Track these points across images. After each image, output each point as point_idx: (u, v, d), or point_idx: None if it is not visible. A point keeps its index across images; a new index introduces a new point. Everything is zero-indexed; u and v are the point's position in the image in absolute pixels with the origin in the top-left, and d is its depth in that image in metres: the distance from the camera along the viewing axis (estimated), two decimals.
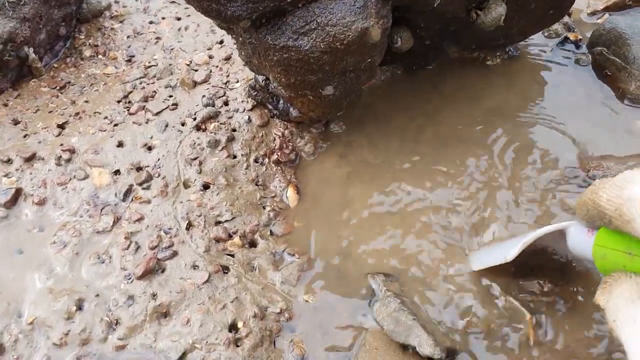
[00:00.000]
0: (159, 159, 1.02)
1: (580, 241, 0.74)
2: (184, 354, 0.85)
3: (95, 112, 1.11)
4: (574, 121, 1.07)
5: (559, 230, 0.78)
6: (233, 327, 0.87)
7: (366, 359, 0.83)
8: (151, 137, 1.05)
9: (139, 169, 1.02)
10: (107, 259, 0.93)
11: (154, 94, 1.12)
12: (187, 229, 0.95)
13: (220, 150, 1.04)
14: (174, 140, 1.04)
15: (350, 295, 0.92)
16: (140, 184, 1.00)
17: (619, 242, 0.65)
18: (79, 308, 0.89)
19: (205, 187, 1.00)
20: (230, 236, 0.95)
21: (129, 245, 0.93)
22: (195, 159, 1.03)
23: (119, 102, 1.13)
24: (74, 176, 1.01)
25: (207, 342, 0.85)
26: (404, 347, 0.84)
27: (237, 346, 0.85)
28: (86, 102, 1.14)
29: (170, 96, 1.11)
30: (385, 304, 0.87)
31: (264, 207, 1.00)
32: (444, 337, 0.84)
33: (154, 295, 0.89)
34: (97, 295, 0.90)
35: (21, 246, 0.96)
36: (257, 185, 1.02)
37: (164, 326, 0.88)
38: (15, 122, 1.11)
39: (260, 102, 1.07)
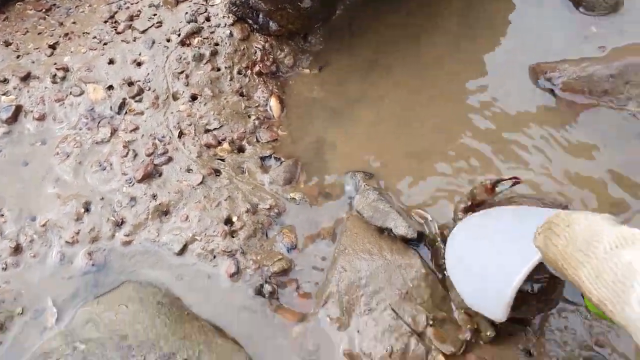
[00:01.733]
0: (148, 74, 1.09)
1: None
2: (185, 245, 0.95)
3: (83, 33, 1.17)
4: (531, 28, 1.16)
5: None
6: (228, 221, 0.97)
7: (348, 242, 0.94)
8: (139, 54, 1.11)
9: (130, 83, 1.09)
10: (108, 166, 1.01)
11: (138, 13, 1.17)
12: (179, 137, 1.04)
13: (205, 63, 1.11)
14: (161, 55, 1.11)
15: (333, 191, 1.02)
16: (132, 97, 1.07)
17: None
18: (87, 210, 0.98)
19: (193, 98, 1.08)
20: (219, 142, 1.04)
21: (127, 153, 1.01)
22: (182, 72, 1.10)
23: (105, 22, 1.18)
24: (70, 92, 1.08)
25: (205, 234, 0.95)
26: (380, 231, 0.95)
27: (233, 237, 0.96)
28: (74, 23, 1.19)
29: (155, 14, 1.16)
30: (364, 196, 0.97)
31: (249, 116, 1.08)
32: (415, 223, 0.95)
33: (154, 196, 0.99)
34: (102, 198, 0.99)
35: (26, 158, 1.04)
36: (241, 95, 1.10)
37: (165, 223, 0.98)
38: (7, 44, 1.16)
39: (240, 17, 1.13)
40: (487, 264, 0.81)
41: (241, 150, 1.05)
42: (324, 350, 0.88)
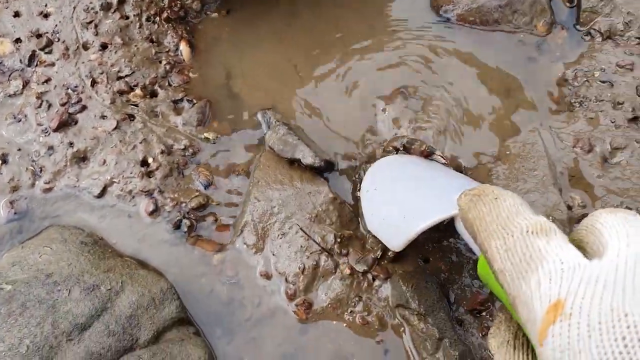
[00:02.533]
0: (56, 25, 1.10)
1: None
2: (104, 188, 1.00)
3: None
4: None
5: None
6: (144, 163, 1.02)
7: (261, 175, 1.00)
8: (45, 5, 1.12)
9: (38, 35, 1.10)
10: (22, 117, 1.03)
11: None
12: (92, 85, 1.07)
13: (113, 12, 1.13)
14: (68, 6, 1.12)
15: (245, 129, 1.08)
16: (42, 49, 1.08)
17: None
18: (4, 162, 1.01)
19: (104, 47, 1.10)
20: (132, 88, 1.07)
21: (41, 104, 1.04)
22: (90, 22, 1.11)
23: None
24: None
25: (123, 176, 1.00)
26: (291, 163, 1.01)
27: (150, 177, 1.01)
28: None
29: None
30: (275, 131, 1.03)
31: (160, 62, 1.11)
32: (324, 154, 1.02)
33: (71, 144, 1.02)
34: (19, 149, 1.02)
35: None
36: (151, 42, 1.13)
37: (84, 168, 1.01)
38: None
39: None
40: (403, 200, 0.90)
41: (154, 94, 1.09)
42: (242, 274, 0.95)
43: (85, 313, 0.82)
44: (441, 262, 0.93)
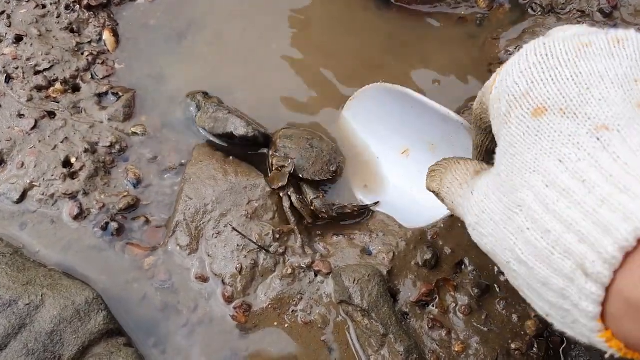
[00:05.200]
0: None
1: None
2: (24, 193, 0.92)
3: None
4: None
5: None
6: (67, 164, 0.95)
7: (193, 171, 0.95)
8: None
9: None
10: None
11: None
12: (7, 81, 0.98)
13: (28, 1, 1.04)
14: None
15: (175, 120, 1.01)
16: None
17: None
18: None
19: (18, 39, 1.02)
20: (51, 83, 1.00)
21: None
22: (2, 12, 1.03)
23: None
24: None
25: (44, 179, 0.93)
26: (226, 156, 0.96)
27: (73, 179, 0.94)
28: None
29: None
30: (205, 111, 0.97)
31: (82, 53, 1.04)
32: (258, 126, 0.96)
33: None
34: None
35: None
36: (71, 32, 1.05)
37: (0, 173, 0.94)
38: None
39: None
40: None
41: (76, 89, 1.01)
42: (177, 277, 0.90)
43: (0, 332, 0.76)
44: (384, 253, 0.89)
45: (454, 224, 0.91)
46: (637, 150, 0.39)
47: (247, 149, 0.97)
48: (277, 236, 0.90)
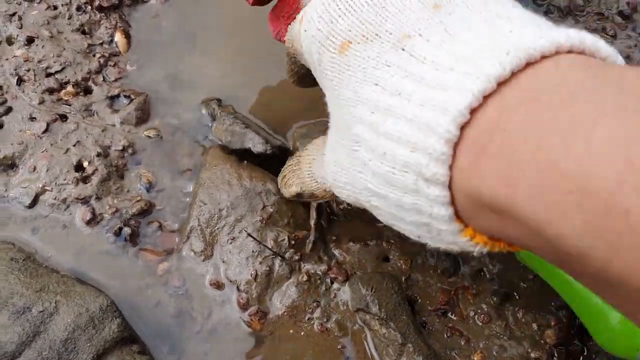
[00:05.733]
0: None
1: None
2: (36, 197, 0.91)
3: None
4: None
5: None
6: (79, 168, 0.93)
7: (207, 175, 0.93)
8: None
9: None
10: None
11: None
12: (18, 84, 0.97)
13: (39, 2, 1.03)
14: None
15: (189, 124, 1.00)
16: None
17: None
18: None
19: (30, 41, 1.00)
20: (62, 86, 0.98)
21: None
22: (14, 14, 1.01)
23: None
24: None
25: (56, 183, 0.91)
26: (240, 160, 0.94)
27: (86, 183, 0.92)
28: None
29: None
30: (220, 122, 0.96)
31: (93, 55, 1.02)
32: (275, 140, 0.95)
33: None
34: None
35: None
36: (83, 33, 1.04)
37: (13, 176, 0.93)
38: None
39: None
40: None
41: (88, 91, 1.00)
42: (190, 283, 0.89)
43: (14, 340, 0.75)
44: (402, 260, 0.88)
45: None
46: (440, 44, 0.40)
47: (265, 163, 0.95)
48: (293, 242, 0.89)
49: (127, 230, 0.90)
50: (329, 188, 0.62)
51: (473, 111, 0.36)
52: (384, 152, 0.42)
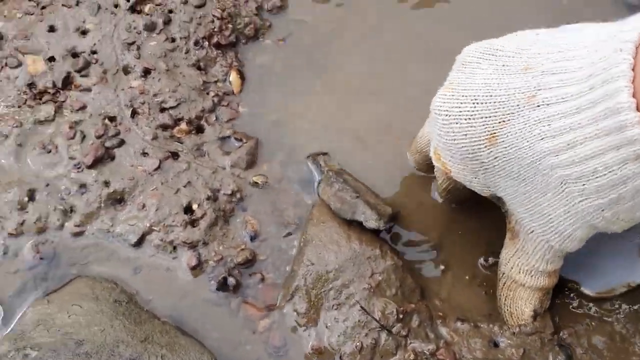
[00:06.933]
0: (94, 44, 0.99)
1: None
2: (142, 236, 0.89)
3: None
4: None
5: None
6: (188, 210, 0.92)
7: (314, 232, 0.91)
8: (83, 21, 1.01)
9: (74, 55, 0.99)
10: (53, 148, 0.93)
11: None
12: (132, 116, 0.96)
13: (158, 33, 1.02)
14: (109, 23, 1.01)
15: (296, 175, 0.98)
16: (78, 71, 0.97)
17: None
18: (31, 199, 0.90)
19: (146, 72, 0.99)
20: (176, 122, 0.97)
21: (74, 135, 0.93)
22: (132, 43, 1.01)
23: None
24: (6, 64, 0.97)
25: (164, 224, 0.90)
26: (349, 220, 0.91)
27: (194, 226, 0.90)
28: None
29: None
30: (329, 183, 0.93)
31: (207, 93, 1.01)
32: (385, 207, 0.92)
33: (106, 183, 0.91)
34: (48, 185, 0.91)
35: None
36: (198, 69, 1.02)
37: (120, 212, 0.91)
38: None
39: None
40: None
41: (200, 130, 0.98)
42: (291, 345, 0.86)
43: None
44: (513, 349, 0.84)
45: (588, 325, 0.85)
46: (560, 78, 0.53)
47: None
48: (401, 316, 0.85)
49: (232, 281, 0.87)
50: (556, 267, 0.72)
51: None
52: (593, 169, 0.51)
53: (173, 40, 1.02)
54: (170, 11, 1.03)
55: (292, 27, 1.09)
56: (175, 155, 0.95)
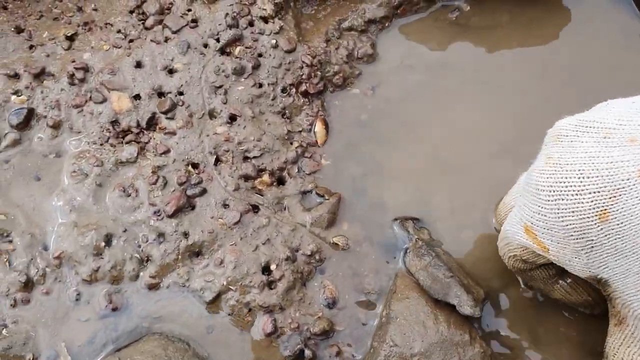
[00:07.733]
0: (182, 85, 0.96)
1: None
2: (218, 295, 0.85)
3: (106, 24, 1.02)
4: None
5: None
6: (266, 269, 0.87)
7: (399, 309, 0.85)
8: (172, 59, 0.98)
9: (160, 94, 0.96)
10: (133, 192, 0.90)
11: (170, 5, 1.02)
12: (216, 164, 0.92)
13: (246, 78, 0.98)
14: (197, 64, 0.98)
15: (379, 238, 0.93)
16: (164, 113, 0.94)
17: None
18: (108, 244, 0.87)
19: (232, 118, 0.95)
20: (259, 173, 0.93)
21: (156, 180, 0.90)
22: (220, 87, 0.97)
23: (131, 12, 1.03)
24: (91, 98, 0.95)
25: (241, 284, 0.86)
26: (436, 299, 0.86)
27: (271, 289, 0.86)
28: (94, 10, 1.04)
29: (189, 10, 1.02)
30: (418, 255, 0.88)
31: (291, 143, 0.97)
32: (479, 290, 0.86)
33: (185, 234, 0.88)
34: (125, 230, 0.88)
35: (38, 172, 0.92)
36: (282, 117, 0.98)
37: (197, 265, 0.87)
38: (19, 30, 1.01)
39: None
40: None
41: (281, 182, 0.94)
42: None
43: None
44: None
45: None
46: None
47: None
48: None
49: (308, 354, 0.83)
50: None
51: None
52: None
53: (260, 85, 0.98)
54: (260, 55, 0.99)
55: (382, 77, 1.04)
56: (255, 208, 0.91)
